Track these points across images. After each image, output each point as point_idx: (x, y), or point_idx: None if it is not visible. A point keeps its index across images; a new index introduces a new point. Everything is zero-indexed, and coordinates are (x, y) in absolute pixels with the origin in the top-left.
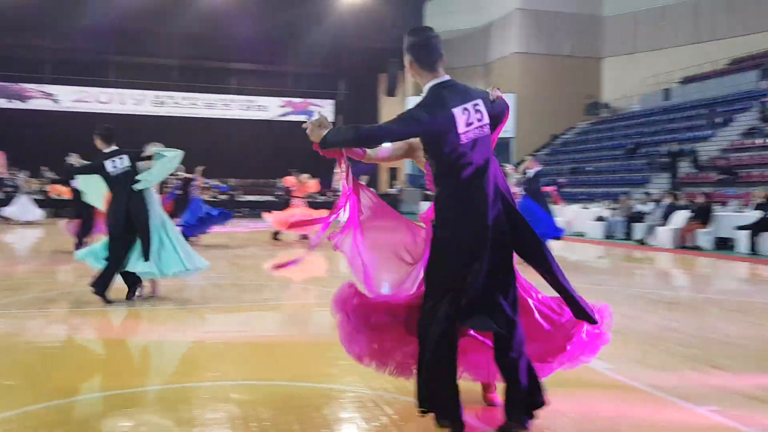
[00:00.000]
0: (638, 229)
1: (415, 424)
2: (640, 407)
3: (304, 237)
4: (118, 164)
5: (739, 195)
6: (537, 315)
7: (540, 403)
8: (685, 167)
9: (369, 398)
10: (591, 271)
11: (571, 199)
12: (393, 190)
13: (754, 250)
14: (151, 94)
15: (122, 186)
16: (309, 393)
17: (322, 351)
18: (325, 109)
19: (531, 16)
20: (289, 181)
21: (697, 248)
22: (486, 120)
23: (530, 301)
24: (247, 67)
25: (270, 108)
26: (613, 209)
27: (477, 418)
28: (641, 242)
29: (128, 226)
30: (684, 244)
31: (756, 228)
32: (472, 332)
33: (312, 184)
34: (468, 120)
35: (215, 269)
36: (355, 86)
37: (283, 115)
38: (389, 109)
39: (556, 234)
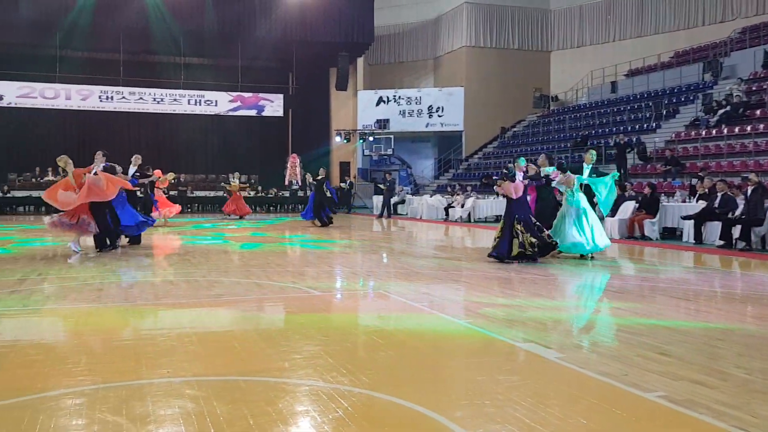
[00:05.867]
0: None
1: (370, 418)
2: (590, 394)
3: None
4: None
5: (684, 185)
6: None
7: None
8: (632, 159)
9: (323, 391)
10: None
11: None
12: (344, 185)
13: (698, 239)
14: (97, 89)
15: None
16: (263, 387)
17: (275, 346)
18: (275, 103)
19: (479, 9)
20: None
21: (645, 238)
22: None
23: None
24: (196, 61)
25: (219, 102)
26: None
27: None
28: None
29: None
30: (632, 234)
31: (699, 218)
32: None
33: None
34: None
35: (166, 266)
36: (305, 80)
37: (233, 109)
38: (340, 103)
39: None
